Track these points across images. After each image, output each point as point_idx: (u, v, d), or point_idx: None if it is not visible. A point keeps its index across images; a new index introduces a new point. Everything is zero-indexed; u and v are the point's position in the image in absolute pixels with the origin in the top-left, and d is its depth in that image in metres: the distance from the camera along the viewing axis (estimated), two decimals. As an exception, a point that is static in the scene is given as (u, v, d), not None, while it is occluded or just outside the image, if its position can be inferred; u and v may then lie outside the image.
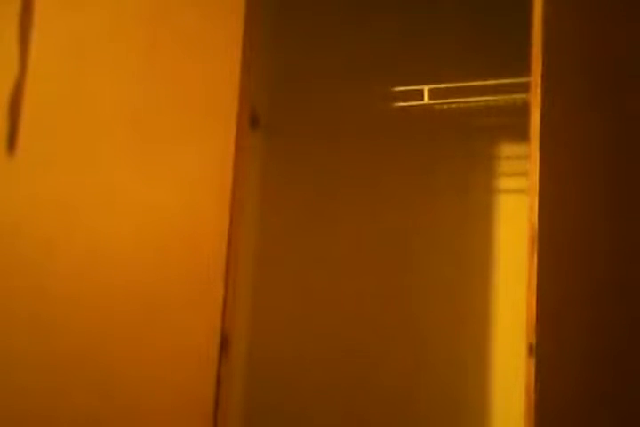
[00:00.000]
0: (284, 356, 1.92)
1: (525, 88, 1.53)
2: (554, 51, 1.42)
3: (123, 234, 1.59)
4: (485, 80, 1.70)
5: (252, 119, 1.69)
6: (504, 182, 1.83)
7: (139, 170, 1.61)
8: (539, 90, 1.42)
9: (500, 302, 1.78)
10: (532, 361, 1.33)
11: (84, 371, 1.55)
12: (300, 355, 1.91)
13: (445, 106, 1.76)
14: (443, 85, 1.75)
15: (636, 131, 1.39)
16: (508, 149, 1.84)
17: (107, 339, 1.55)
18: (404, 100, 1.78)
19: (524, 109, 1.52)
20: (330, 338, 1.89)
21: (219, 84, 1.60)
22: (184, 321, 1.51)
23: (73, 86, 1.69)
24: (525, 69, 1.47)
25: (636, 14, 1.43)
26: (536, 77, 1.42)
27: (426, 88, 1.75)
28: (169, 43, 1.66)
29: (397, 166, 1.92)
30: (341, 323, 1.89)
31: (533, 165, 1.40)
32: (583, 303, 1.34)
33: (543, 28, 1.42)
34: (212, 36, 1.62)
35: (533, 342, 1.33)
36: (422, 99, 1.75)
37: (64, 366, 1.56)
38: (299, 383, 1.89)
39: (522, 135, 1.64)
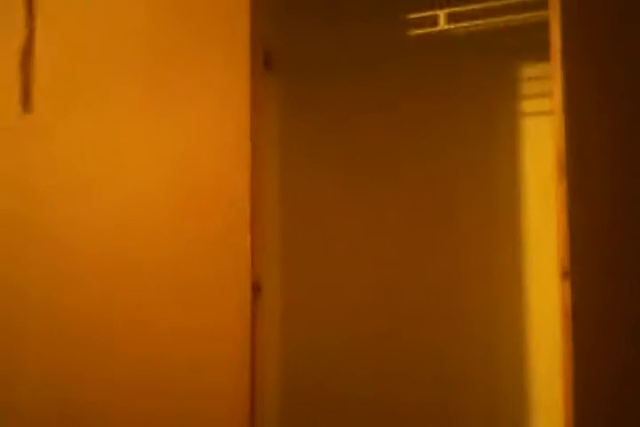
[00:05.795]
0: (319, 303, 1.92)
1: (545, 6, 1.46)
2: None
3: (146, 188, 1.60)
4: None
5: (265, 61, 1.66)
6: (528, 105, 1.78)
7: (155, 121, 1.61)
8: (558, 5, 1.36)
9: (529, 226, 1.75)
10: (567, 285, 1.32)
11: (118, 320, 1.58)
12: (334, 302, 1.90)
13: (462, 29, 1.70)
14: (458, 9, 1.68)
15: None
16: (530, 70, 1.78)
17: (136, 292, 1.57)
18: (420, 28, 1.73)
19: (544, 28, 1.46)
20: (365, 283, 1.88)
21: (230, 26, 1.57)
22: (214, 269, 1.52)
23: (81, 42, 1.68)
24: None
25: None
26: (554, -7, 1.37)
27: (441, 13, 1.69)
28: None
29: (417, 95, 1.88)
30: (378, 266, 1.88)
31: (556, 86, 1.36)
32: (613, 226, 1.32)
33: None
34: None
35: (567, 266, 1.32)
36: (437, 25, 1.69)
37: (92, 318, 1.60)
38: (335, 332, 1.89)
39: (544, 55, 1.58)
